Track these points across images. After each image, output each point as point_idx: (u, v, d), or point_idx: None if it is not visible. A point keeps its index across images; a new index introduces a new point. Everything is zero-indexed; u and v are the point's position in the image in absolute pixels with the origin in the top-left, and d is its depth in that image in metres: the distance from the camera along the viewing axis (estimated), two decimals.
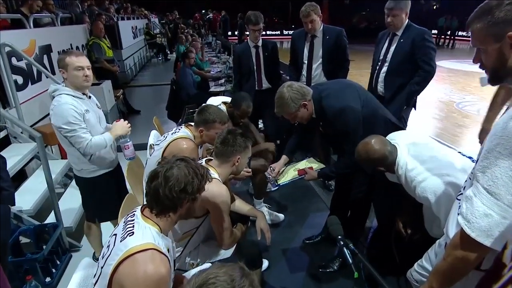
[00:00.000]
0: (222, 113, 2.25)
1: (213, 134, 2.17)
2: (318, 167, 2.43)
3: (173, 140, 2.15)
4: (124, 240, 1.19)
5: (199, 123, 2.19)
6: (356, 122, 2.01)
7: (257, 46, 3.49)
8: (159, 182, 1.22)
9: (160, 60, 12.85)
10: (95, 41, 5.25)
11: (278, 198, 3.38)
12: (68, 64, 2.00)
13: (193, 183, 1.25)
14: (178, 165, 1.26)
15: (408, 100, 2.80)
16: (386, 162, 1.68)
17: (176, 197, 1.23)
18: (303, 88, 2.07)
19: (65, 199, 3.00)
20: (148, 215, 1.28)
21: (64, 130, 1.98)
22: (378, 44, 2.97)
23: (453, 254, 1.06)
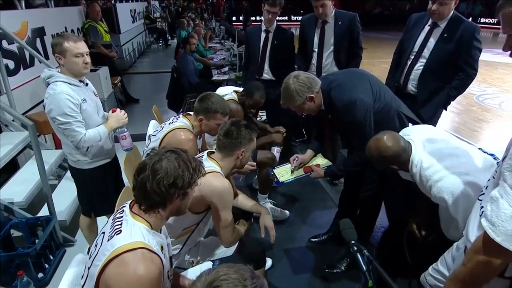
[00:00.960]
0: (225, 103, 2.23)
1: (213, 124, 2.16)
2: (325, 164, 2.41)
3: (170, 130, 2.13)
4: (111, 239, 1.16)
5: (199, 111, 2.18)
6: (366, 116, 1.98)
7: (268, 31, 3.42)
8: (147, 175, 1.19)
9: (160, 46, 12.83)
10: (91, 25, 5.22)
11: (284, 194, 3.37)
12: (66, 50, 1.98)
13: (183, 176, 1.21)
14: (168, 157, 1.22)
15: (445, 105, 2.69)
16: (400, 160, 1.64)
17: (165, 191, 1.19)
18: (310, 80, 2.03)
19: (59, 191, 3.01)
20: (136, 211, 1.25)
21: (58, 121, 1.97)
22: (410, 30, 2.76)
23: (474, 260, 1.03)
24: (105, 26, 5.56)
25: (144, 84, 7.71)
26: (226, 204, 1.70)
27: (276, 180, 2.40)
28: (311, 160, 2.50)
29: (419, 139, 1.66)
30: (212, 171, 1.70)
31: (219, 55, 6.79)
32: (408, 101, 2.23)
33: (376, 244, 2.61)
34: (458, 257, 1.28)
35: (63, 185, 3.12)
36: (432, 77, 2.63)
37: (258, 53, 3.45)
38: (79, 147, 2.10)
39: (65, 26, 4.86)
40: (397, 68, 2.88)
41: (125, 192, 1.88)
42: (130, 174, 2.28)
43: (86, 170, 2.22)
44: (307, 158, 2.46)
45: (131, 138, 2.24)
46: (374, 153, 1.69)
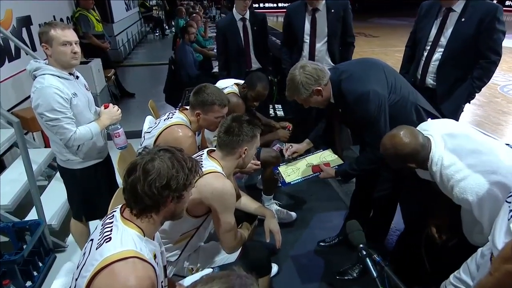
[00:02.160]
0: (222, 94, 2.21)
1: (211, 118, 2.15)
2: (336, 162, 2.39)
3: (166, 127, 2.12)
4: (100, 248, 1.15)
5: (195, 105, 2.16)
6: (380, 109, 1.95)
7: (244, 19, 3.43)
8: (137, 176, 1.16)
9: (157, 36, 12.81)
10: (82, 13, 5.19)
11: (290, 194, 3.36)
12: (53, 38, 1.95)
13: (178, 177, 1.18)
14: (161, 156, 1.19)
15: (468, 98, 2.64)
16: (418, 157, 1.61)
17: (158, 194, 1.17)
18: (317, 71, 2.00)
19: (48, 193, 3.01)
20: (128, 216, 1.23)
21: (46, 118, 1.96)
22: (422, 19, 2.73)
23: (502, 269, 1.00)
24: (97, 15, 5.54)
25: (139, 77, 7.71)
26: (227, 207, 1.69)
27: (282, 180, 2.38)
28: (319, 156, 2.47)
29: (439, 135, 1.62)
30: (212, 171, 1.69)
31: None
32: (426, 96, 2.19)
33: (391, 248, 2.59)
34: (483, 265, 1.26)
35: (53, 186, 3.12)
36: (452, 68, 2.58)
37: (241, 44, 3.44)
38: (69, 146, 2.08)
39: (54, 15, 4.83)
40: (411, 62, 2.86)
41: (119, 195, 1.87)
42: None
43: (77, 171, 2.21)
44: (303, 148, 2.45)
45: (125, 136, 2.22)
46: (389, 150, 1.65)
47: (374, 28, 14.29)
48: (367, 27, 14.31)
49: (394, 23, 16.14)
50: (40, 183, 3.05)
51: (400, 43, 10.48)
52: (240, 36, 3.44)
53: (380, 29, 14.13)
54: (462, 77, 2.59)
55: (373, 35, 12.64)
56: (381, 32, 13.39)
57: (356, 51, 3.60)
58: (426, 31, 2.66)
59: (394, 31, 13.45)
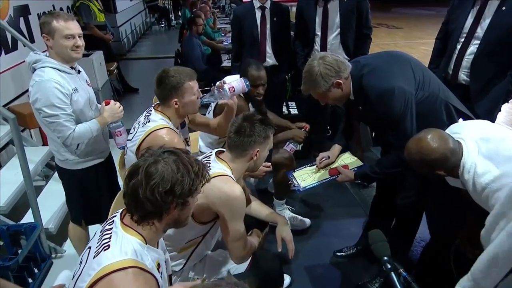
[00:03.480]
0: (185, 68, 2.13)
1: (190, 98, 2.07)
2: (355, 164, 2.36)
3: (147, 134, 2.02)
4: (98, 256, 1.14)
5: (169, 94, 2.06)
6: (406, 107, 1.92)
7: (264, 8, 3.42)
8: (139, 180, 1.15)
9: (162, 27, 12.90)
10: (83, 3, 5.25)
11: (304, 199, 3.34)
12: (55, 30, 1.97)
13: (183, 182, 1.17)
14: (165, 158, 1.18)
15: (507, 97, 2.57)
16: (447, 164, 1.56)
17: (160, 200, 1.15)
18: (339, 62, 1.98)
19: (45, 194, 3.03)
20: (128, 222, 1.22)
21: (44, 114, 1.97)
22: (456, 9, 2.66)
23: None
24: (99, 5, 5.60)
25: (144, 71, 7.76)
26: (236, 213, 1.68)
27: (296, 185, 2.36)
28: (336, 159, 2.44)
29: (472, 138, 1.57)
30: (220, 174, 1.68)
31: (229, 37, 6.74)
32: (458, 94, 2.13)
33: (415, 261, 2.55)
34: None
35: (50, 187, 3.15)
36: (489, 62, 2.49)
37: (257, 35, 3.42)
38: (67, 144, 2.09)
39: (53, 4, 4.87)
40: (441, 56, 2.79)
41: (120, 198, 1.85)
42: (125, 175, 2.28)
43: (76, 171, 2.21)
44: (335, 154, 2.43)
45: (127, 134, 2.22)
46: (414, 156, 1.61)
47: (398, 19, 14.18)
48: (390, 18, 14.20)
49: (419, 13, 15.98)
50: (37, 184, 3.08)
51: (426, 35, 10.43)
52: (256, 25, 3.42)
53: (404, 20, 14.00)
54: (499, 72, 2.51)
55: (396, 26, 12.55)
56: (405, 23, 13.26)
57: (377, 43, 3.58)
58: (461, 22, 2.58)
59: (420, 22, 13.34)
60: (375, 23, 10.67)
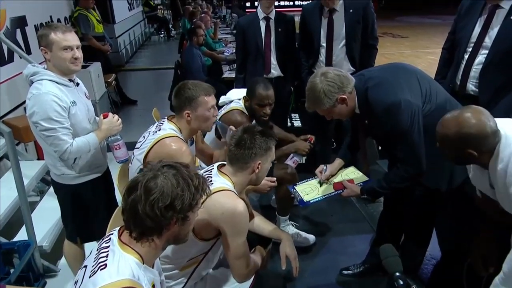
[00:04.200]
0: (204, 84, 2.22)
1: (203, 113, 2.15)
2: (360, 179, 2.36)
3: (156, 141, 2.09)
4: (94, 276, 1.13)
5: (182, 105, 2.15)
6: (413, 120, 1.93)
7: (268, 18, 3.45)
8: (138, 195, 1.16)
9: (162, 37, 13.02)
10: (81, 13, 5.32)
11: (308, 215, 3.33)
12: (53, 42, 2.00)
13: (183, 197, 1.18)
14: (165, 173, 1.19)
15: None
16: (484, 143, 1.50)
17: (160, 215, 1.16)
18: (341, 77, 2.00)
19: (40, 210, 3.02)
20: (126, 240, 1.22)
21: (40, 127, 1.98)
22: (463, 18, 2.69)
23: None
24: (98, 15, 5.66)
25: (142, 83, 7.84)
26: (239, 230, 1.67)
27: (299, 199, 2.35)
28: (340, 173, 2.45)
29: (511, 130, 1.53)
30: (222, 188, 1.68)
31: (230, 48, 6.81)
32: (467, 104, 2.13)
33: (426, 281, 2.52)
34: None
35: (45, 203, 3.14)
36: (498, 72, 2.50)
37: (262, 46, 3.45)
38: (64, 159, 2.09)
39: (50, 15, 4.94)
40: (448, 66, 2.81)
41: (119, 214, 1.84)
42: None
43: (72, 186, 2.22)
44: (335, 169, 2.44)
45: (126, 148, 2.23)
46: (452, 129, 1.55)
47: (403, 28, 14.30)
48: (395, 27, 14.32)
49: (425, 22, 16.11)
50: (31, 199, 3.07)
51: (432, 44, 10.50)
52: (261, 36, 3.44)
53: (410, 29, 14.12)
54: (509, 82, 2.52)
55: (401, 35, 12.66)
56: (411, 32, 13.37)
57: (383, 53, 3.61)
58: (468, 31, 2.60)
59: (425, 30, 13.44)
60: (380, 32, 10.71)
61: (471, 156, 1.53)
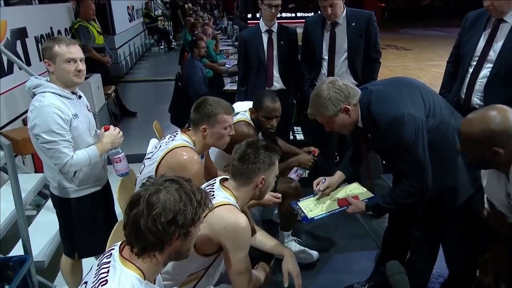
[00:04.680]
0: (225, 102, 2.26)
1: (219, 131, 2.18)
2: (365, 195, 2.36)
3: (169, 150, 2.13)
4: None
5: (200, 120, 2.19)
6: (417, 134, 1.94)
7: (271, 31, 3.49)
8: (141, 210, 1.17)
9: (162, 49, 13.12)
10: (82, 24, 5.38)
11: (311, 231, 3.32)
12: (57, 54, 2.03)
13: (185, 212, 1.19)
14: (167, 187, 1.21)
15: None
16: (511, 140, 1.50)
17: (162, 230, 1.17)
18: (349, 88, 2.03)
19: (37, 224, 3.00)
20: (127, 255, 1.23)
21: (42, 140, 2.00)
22: (467, 32, 2.73)
23: None
24: (98, 27, 5.72)
25: (142, 95, 7.87)
26: (241, 245, 1.67)
27: (303, 215, 2.35)
28: (344, 189, 2.45)
29: None
30: (224, 203, 1.68)
31: (232, 60, 6.85)
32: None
33: None
34: None
35: (42, 217, 3.12)
36: (503, 86, 2.52)
37: (264, 59, 3.49)
38: (64, 172, 2.11)
39: (51, 26, 5.01)
40: (453, 79, 2.84)
41: (118, 229, 1.86)
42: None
43: (72, 200, 2.22)
44: (336, 181, 2.44)
45: (126, 161, 2.25)
46: (476, 127, 1.55)
47: (406, 40, 14.42)
48: (398, 39, 14.44)
49: (429, 34, 16.22)
50: (28, 213, 3.06)
51: (437, 56, 10.56)
52: (263, 49, 3.48)
53: (413, 41, 14.22)
54: None
55: (405, 47, 12.75)
56: (415, 44, 13.47)
57: (386, 65, 3.63)
58: (472, 45, 2.64)
59: (429, 43, 13.54)
60: (383, 44, 10.65)
61: (497, 155, 1.54)
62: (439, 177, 2.00)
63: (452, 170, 2.03)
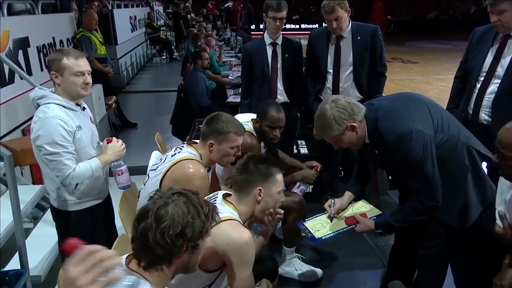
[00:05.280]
0: (238, 122, 2.29)
1: (226, 149, 2.20)
2: (373, 213, 2.36)
3: (175, 162, 2.15)
4: None
5: (208, 135, 2.21)
6: (426, 150, 1.95)
7: (275, 44, 3.52)
8: (149, 223, 1.20)
9: (164, 59, 13.22)
10: (84, 34, 5.45)
11: (315, 247, 3.28)
12: (65, 67, 2.07)
13: (193, 225, 1.22)
14: (175, 200, 1.24)
15: None
16: None
17: (171, 243, 1.19)
18: (352, 105, 2.04)
19: (34, 237, 2.99)
20: (135, 269, 1.24)
21: (45, 151, 2.02)
22: (474, 47, 2.78)
23: None
24: (100, 37, 5.79)
25: (143, 106, 7.91)
26: (245, 261, 1.68)
27: (310, 236, 2.35)
28: (351, 207, 2.46)
29: None
30: (228, 218, 1.70)
31: (235, 71, 6.87)
32: (480, 134, 2.17)
33: None
34: None
35: (39, 230, 3.11)
36: (510, 101, 2.56)
37: (268, 71, 3.53)
38: (66, 184, 2.13)
39: (53, 36, 5.06)
40: (461, 95, 2.87)
41: (120, 242, 1.87)
42: (127, 219, 2.28)
43: (72, 213, 2.24)
44: (346, 202, 2.44)
45: (128, 173, 2.27)
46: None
47: (413, 53, 14.49)
48: (404, 52, 14.50)
49: (435, 47, 16.29)
50: (25, 226, 3.04)
51: (444, 70, 10.59)
52: (267, 62, 3.51)
53: (420, 54, 14.29)
54: None
55: (411, 60, 12.81)
56: (421, 57, 13.53)
57: (392, 79, 3.65)
58: (480, 60, 2.68)
59: (436, 56, 13.59)
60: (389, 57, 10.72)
61: None
62: (449, 194, 2.01)
63: (462, 187, 2.03)
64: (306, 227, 2.41)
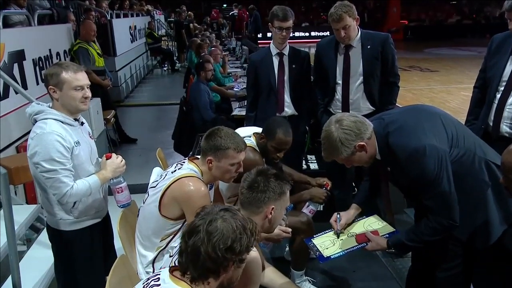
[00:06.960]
0: (238, 137, 2.29)
1: (225, 166, 2.22)
2: (385, 230, 2.37)
3: (175, 180, 2.18)
4: None
5: (207, 151, 2.24)
6: (441, 166, 1.95)
7: (282, 54, 3.56)
8: (201, 237, 1.32)
9: (165, 70, 13.33)
10: (81, 46, 5.54)
11: (326, 270, 3.29)
12: (64, 81, 2.13)
13: (241, 240, 1.35)
14: (223, 216, 1.37)
15: None
16: None
17: (221, 257, 1.32)
18: (357, 124, 2.05)
19: (27, 260, 3.01)
20: (179, 277, 1.38)
21: (41, 169, 2.07)
22: (493, 56, 2.80)
23: None
24: (98, 48, 5.89)
25: (143, 120, 7.94)
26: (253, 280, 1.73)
27: (318, 254, 2.35)
28: (362, 223, 2.46)
29: None
30: None
31: (240, 83, 6.88)
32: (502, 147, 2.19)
33: None
34: None
35: (33, 252, 3.13)
36: None
37: (275, 83, 3.56)
38: (63, 202, 2.17)
39: (50, 48, 5.17)
40: (480, 106, 2.88)
41: (120, 263, 1.90)
42: (126, 238, 2.31)
43: (69, 233, 2.27)
44: (351, 216, 2.46)
45: (128, 191, 2.30)
46: None
47: (432, 61, 14.48)
48: (423, 59, 14.48)
49: (457, 54, 16.23)
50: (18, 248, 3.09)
51: (466, 78, 10.47)
52: (273, 73, 3.54)
53: (440, 62, 14.26)
54: None
55: (430, 69, 12.78)
56: (441, 65, 13.49)
57: (409, 88, 3.66)
58: (499, 69, 2.70)
59: (458, 64, 13.55)
60: (406, 65, 10.63)
61: None
62: (468, 212, 2.01)
63: (481, 205, 2.03)
64: (315, 244, 2.42)
